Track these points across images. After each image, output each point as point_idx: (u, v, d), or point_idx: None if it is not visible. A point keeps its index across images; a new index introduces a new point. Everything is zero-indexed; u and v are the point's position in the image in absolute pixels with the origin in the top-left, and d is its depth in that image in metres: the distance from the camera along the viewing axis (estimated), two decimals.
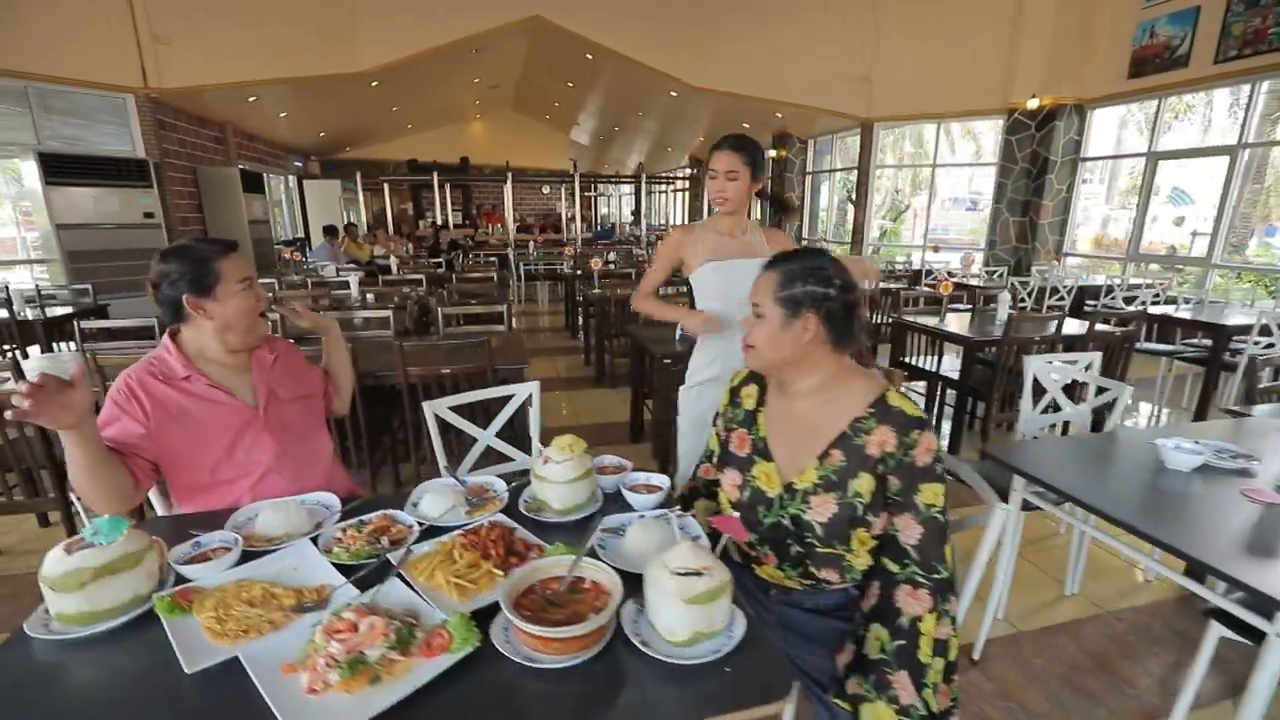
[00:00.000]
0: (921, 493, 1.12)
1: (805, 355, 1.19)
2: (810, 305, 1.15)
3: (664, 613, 0.93)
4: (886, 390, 1.18)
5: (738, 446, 1.31)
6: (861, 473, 1.14)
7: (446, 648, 0.91)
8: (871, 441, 1.14)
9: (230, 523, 1.28)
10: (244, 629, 0.97)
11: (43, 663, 0.95)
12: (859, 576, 1.21)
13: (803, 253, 1.21)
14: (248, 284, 1.46)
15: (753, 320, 1.22)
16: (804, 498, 1.18)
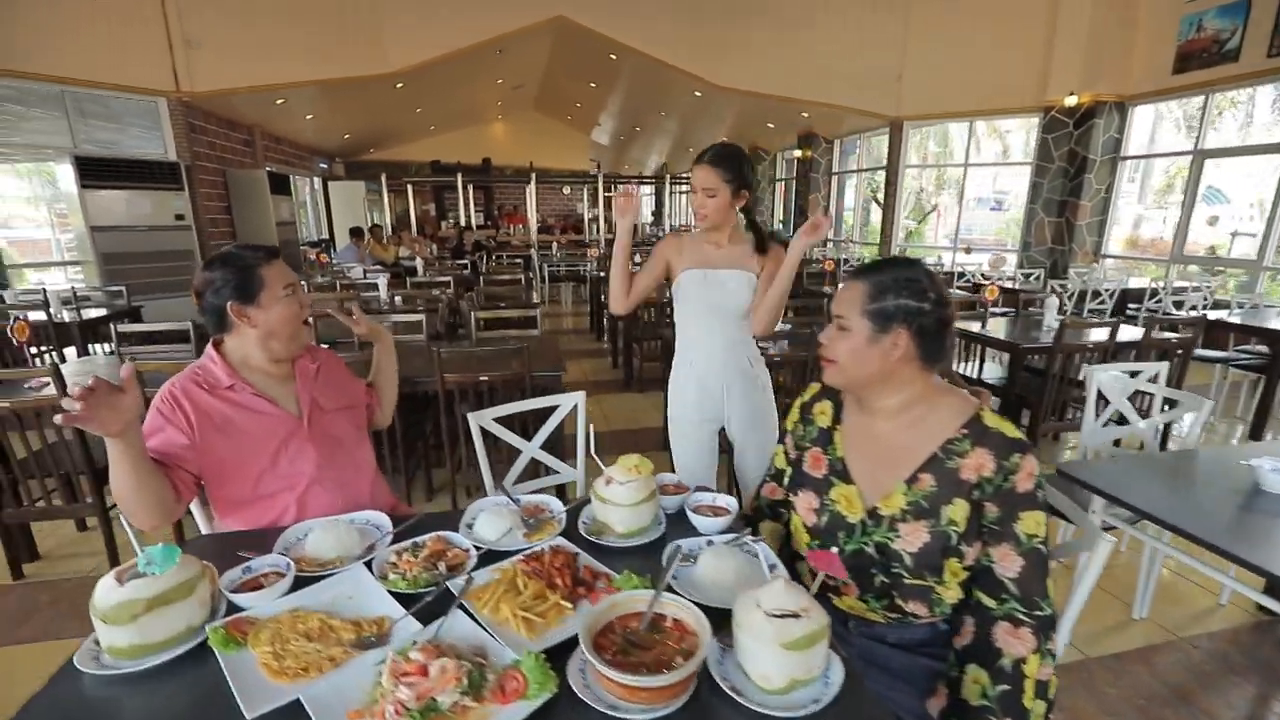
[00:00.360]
0: (1022, 521, 1.03)
1: (892, 372, 1.10)
2: (902, 320, 1.06)
3: (759, 658, 0.85)
4: (981, 410, 1.09)
5: (813, 467, 1.22)
6: (956, 499, 1.05)
7: (522, 694, 0.84)
8: (966, 465, 1.05)
9: (280, 543, 1.22)
10: (303, 666, 0.91)
11: (93, 698, 0.89)
12: (948, 610, 1.12)
13: (895, 262, 1.11)
14: (291, 290, 1.43)
15: (833, 332, 1.14)
16: (891, 524, 1.09)
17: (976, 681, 1.04)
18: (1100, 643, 2.10)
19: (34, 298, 4.71)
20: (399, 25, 7.77)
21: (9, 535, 2.45)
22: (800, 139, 11.03)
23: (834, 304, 1.14)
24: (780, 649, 0.83)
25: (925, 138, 10.40)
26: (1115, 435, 2.37)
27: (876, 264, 1.13)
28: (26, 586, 2.42)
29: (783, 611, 0.85)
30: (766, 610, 0.85)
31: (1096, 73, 6.92)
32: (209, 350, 1.46)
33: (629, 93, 12.11)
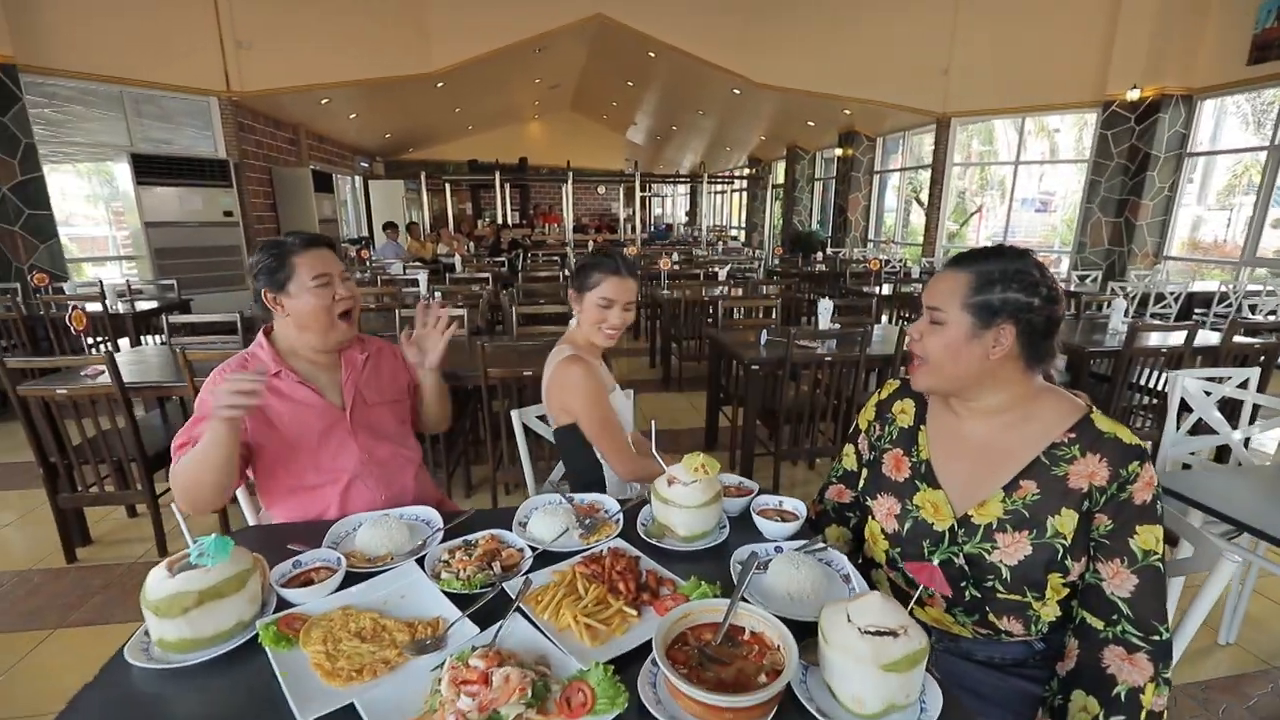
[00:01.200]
0: (1139, 536, 0.94)
1: (991, 373, 1.00)
2: (1008, 315, 0.96)
3: (851, 679, 0.77)
4: (1092, 412, 0.99)
5: (893, 469, 1.13)
6: (1064, 509, 0.96)
7: (589, 709, 0.77)
8: (1075, 472, 0.96)
9: (329, 537, 1.18)
10: (357, 669, 0.85)
11: (142, 692, 0.86)
12: (1045, 629, 1.02)
13: (1002, 252, 1.01)
14: (323, 281, 1.38)
15: (923, 326, 1.04)
16: (986, 534, 1.00)
17: (1085, 710, 0.94)
18: (1184, 670, 1.94)
19: (91, 290, 4.86)
20: (442, 24, 7.86)
21: (64, 519, 2.49)
22: (841, 137, 10.80)
23: (927, 294, 1.05)
24: (878, 670, 0.74)
25: (970, 136, 10.08)
26: (1196, 446, 2.20)
27: (982, 252, 1.02)
28: (79, 570, 2.46)
29: (879, 629, 0.76)
30: (861, 627, 0.77)
31: (1162, 64, 6.58)
32: (259, 337, 1.46)
33: (666, 91, 12.04)
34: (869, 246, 10.64)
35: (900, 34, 8.34)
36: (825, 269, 7.22)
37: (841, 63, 8.59)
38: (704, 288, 4.91)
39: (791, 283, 5.77)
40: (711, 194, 17.90)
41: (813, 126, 11.26)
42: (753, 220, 15.43)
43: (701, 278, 5.73)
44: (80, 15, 5.82)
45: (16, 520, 2.86)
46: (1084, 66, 7.19)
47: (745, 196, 16.39)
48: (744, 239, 15.06)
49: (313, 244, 1.41)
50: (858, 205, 10.87)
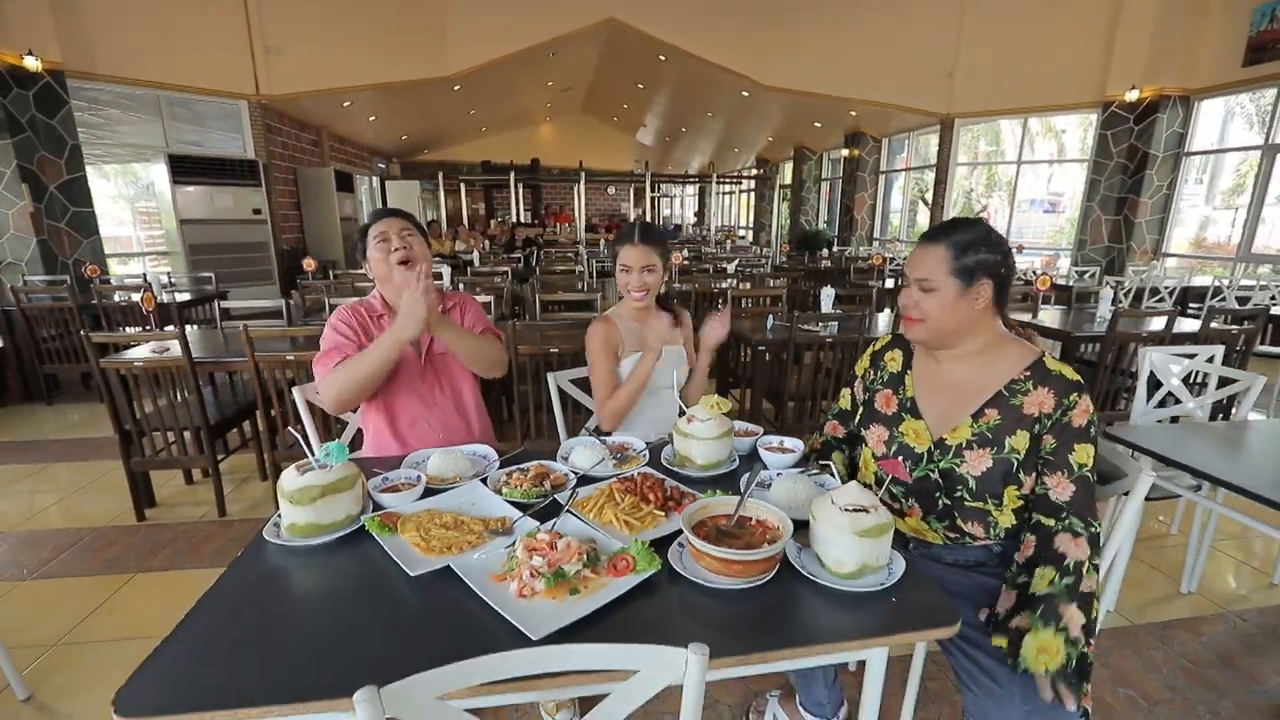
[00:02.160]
0: (1075, 452, 1.17)
1: (973, 322, 1.23)
2: (984, 272, 1.19)
3: (833, 545, 1.00)
4: (1043, 355, 1.23)
5: (884, 405, 1.38)
6: (1019, 430, 1.20)
7: (632, 569, 1.01)
8: (1029, 401, 1.20)
9: (406, 463, 1.43)
10: (447, 545, 1.09)
11: (279, 565, 1.10)
12: (1002, 533, 1.25)
13: (964, 223, 1.24)
14: (381, 237, 1.65)
15: (915, 295, 1.26)
16: (957, 452, 1.23)
17: (1045, 577, 1.14)
18: (1146, 613, 2.15)
19: (135, 282, 5.15)
20: (458, 29, 8.14)
21: (135, 483, 2.76)
22: (847, 138, 11.01)
23: (913, 267, 1.26)
24: (853, 536, 0.97)
25: (976, 137, 10.26)
26: (1167, 414, 2.41)
27: (948, 226, 1.25)
28: (149, 527, 2.73)
29: (855, 506, 0.99)
30: (841, 505, 1.00)
31: (1160, 65, 6.76)
32: (375, 290, 1.76)
33: (676, 94, 12.29)
34: (875, 245, 10.83)
35: (905, 36, 8.55)
36: (830, 265, 7.43)
37: (847, 65, 8.80)
38: (713, 281, 5.14)
39: (797, 278, 5.99)
40: (720, 194, 18.13)
41: (819, 128, 11.47)
42: (760, 220, 15.64)
43: (711, 271, 5.96)
44: (121, 23, 6.14)
45: (88, 484, 3.14)
46: (1084, 68, 7.38)
47: (753, 197, 16.61)
48: (752, 238, 15.27)
49: (380, 216, 1.70)
50: (864, 205, 11.07)
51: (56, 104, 5.64)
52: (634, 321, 1.89)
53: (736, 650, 0.87)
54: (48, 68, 5.50)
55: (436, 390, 1.73)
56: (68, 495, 3.05)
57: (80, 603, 2.20)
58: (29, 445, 3.73)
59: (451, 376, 1.77)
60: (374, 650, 0.87)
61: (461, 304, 1.84)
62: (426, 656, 0.82)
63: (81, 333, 2.56)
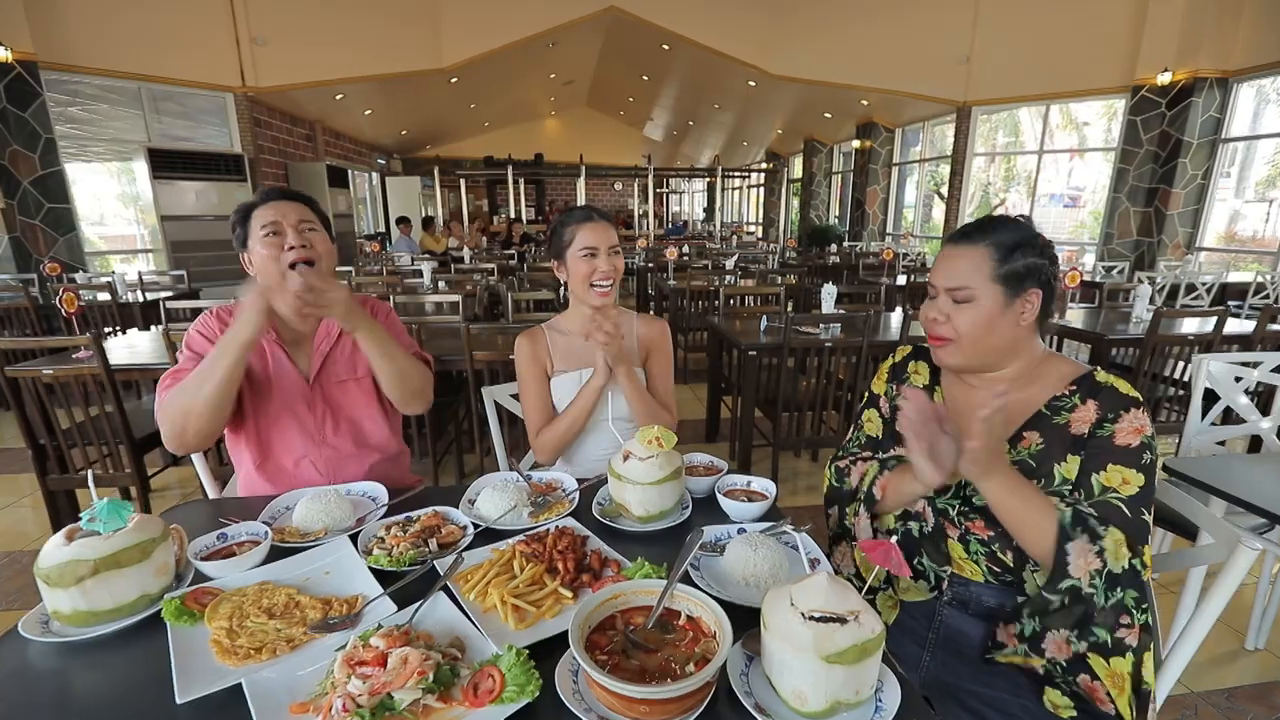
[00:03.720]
0: (1106, 472, 0.91)
1: (1018, 341, 1.00)
2: (1034, 280, 0.97)
3: (791, 672, 0.67)
4: (1095, 370, 1.00)
5: None
6: (1069, 455, 0.95)
7: (496, 696, 0.69)
8: (1076, 419, 0.97)
9: (265, 512, 1.12)
10: (256, 647, 0.78)
11: (35, 667, 0.80)
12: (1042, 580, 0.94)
13: (1004, 221, 1.00)
14: (270, 229, 1.26)
15: (946, 307, 0.99)
16: None
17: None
18: (1207, 677, 1.80)
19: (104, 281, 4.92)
20: (453, 19, 7.87)
21: (54, 502, 2.49)
22: (859, 129, 10.57)
23: (943, 275, 1.01)
24: (819, 661, 0.65)
25: (994, 128, 9.78)
26: (1222, 436, 2.04)
27: (987, 223, 1.01)
28: None
29: (825, 614, 0.66)
30: (804, 611, 0.67)
31: (1195, 46, 6.28)
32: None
33: (682, 85, 11.94)
34: (887, 240, 10.40)
35: (919, 21, 8.12)
36: (838, 261, 7.05)
37: (859, 52, 8.40)
38: (711, 278, 4.80)
39: (802, 274, 5.64)
40: (728, 189, 17.74)
41: (830, 119, 11.05)
42: (769, 215, 15.23)
43: (709, 268, 5.61)
44: (99, 13, 5.92)
45: (10, 504, 2.88)
46: (1112, 50, 6.90)
47: (762, 192, 16.19)
48: (761, 234, 14.87)
49: (271, 197, 1.31)
50: (876, 199, 10.63)
51: (29, 96, 5.41)
52: (572, 334, 1.53)
53: None
54: (19, 58, 5.27)
55: (328, 425, 1.38)
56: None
57: None
58: None
59: (350, 406, 1.41)
60: None
61: (376, 314, 1.47)
62: None
63: None
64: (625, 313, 1.59)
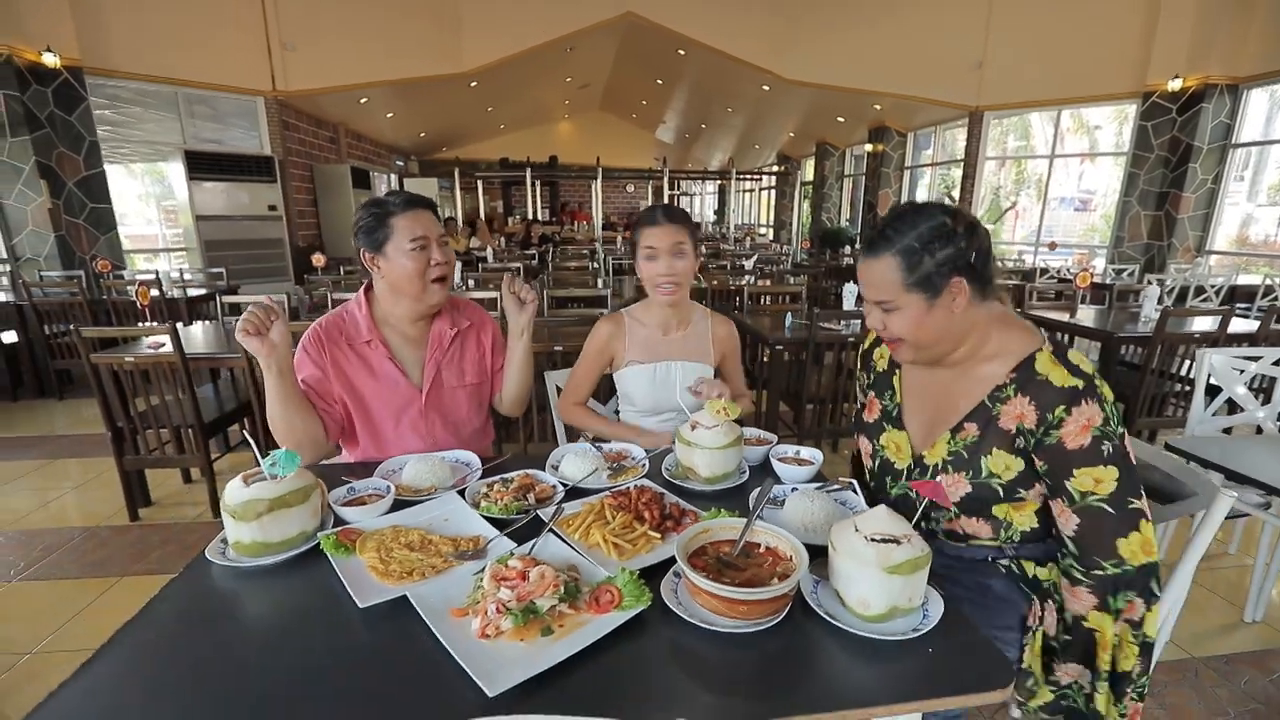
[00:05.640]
0: (1075, 479, 0.94)
1: (961, 323, 1.01)
2: (950, 270, 0.96)
3: (858, 583, 0.83)
4: (1038, 351, 0.99)
5: (869, 412, 1.23)
6: (996, 449, 1.00)
7: (617, 604, 0.86)
8: (1007, 413, 0.99)
9: (379, 471, 1.29)
10: (408, 570, 0.95)
11: (220, 588, 0.97)
12: (1017, 536, 1.06)
13: (909, 216, 0.98)
14: (420, 245, 1.36)
15: (879, 315, 1.04)
16: (934, 473, 1.06)
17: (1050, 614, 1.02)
18: (1206, 644, 1.94)
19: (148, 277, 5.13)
20: (474, 25, 8.06)
21: (128, 481, 2.68)
22: (871, 133, 10.71)
23: (864, 288, 1.04)
24: (882, 573, 0.81)
25: (1005, 132, 9.88)
26: (1225, 425, 2.19)
27: (887, 226, 1.00)
28: (142, 528, 2.64)
29: (884, 536, 0.83)
30: (867, 535, 0.83)
31: (1206, 52, 6.39)
32: (359, 294, 1.48)
33: (695, 89, 12.10)
34: None
35: (932, 26, 8.26)
36: (852, 263, 7.19)
37: (872, 57, 8.54)
38: (730, 278, 4.96)
39: (817, 275, 5.78)
40: (740, 192, 17.87)
41: (842, 122, 11.19)
42: (781, 218, 15.36)
43: (729, 268, 5.77)
44: (139, 20, 6.15)
45: (83, 484, 3.07)
46: (1123, 56, 7.02)
47: (774, 194, 16.33)
48: (772, 236, 15.01)
49: (413, 204, 1.38)
50: (887, 201, 10.75)
51: (75, 100, 5.65)
52: (649, 326, 1.64)
53: (735, 716, 0.71)
54: (66, 64, 5.51)
55: (438, 428, 1.49)
56: (66, 493, 2.99)
57: (61, 608, 2.11)
58: (36, 440, 3.70)
59: (457, 411, 1.52)
60: (313, 700, 0.74)
61: (479, 325, 1.58)
62: (369, 711, 0.71)
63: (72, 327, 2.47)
64: (696, 308, 1.70)
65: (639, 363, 1.62)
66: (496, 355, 1.60)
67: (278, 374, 1.26)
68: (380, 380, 1.44)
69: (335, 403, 1.41)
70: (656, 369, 1.62)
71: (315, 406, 1.38)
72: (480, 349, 1.58)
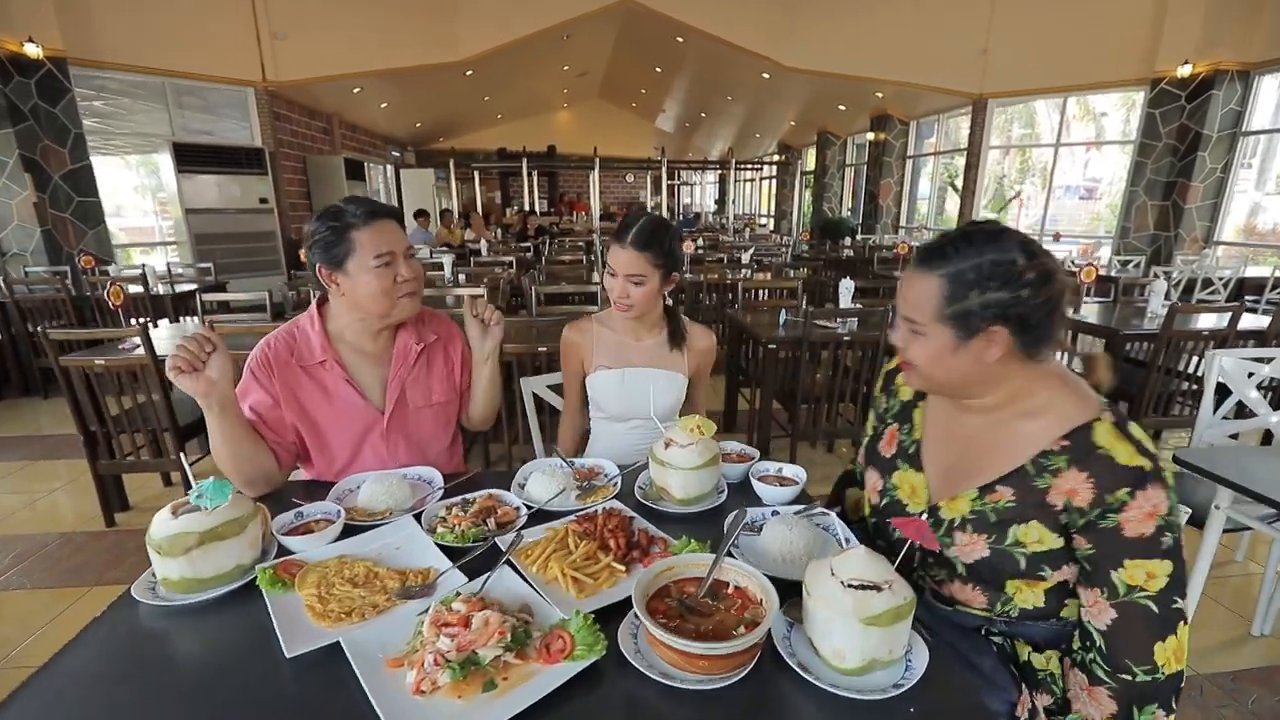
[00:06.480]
0: (1125, 570, 0.82)
1: (988, 374, 0.89)
2: (995, 317, 0.83)
3: (832, 633, 0.75)
4: (1097, 420, 0.85)
5: (885, 445, 1.11)
6: (1034, 521, 0.88)
7: (568, 654, 0.78)
8: (1057, 487, 0.86)
9: (333, 493, 1.21)
10: (346, 611, 0.87)
11: (147, 628, 0.89)
12: (1016, 612, 0.95)
13: (972, 238, 0.85)
14: (386, 261, 1.24)
15: (904, 333, 0.93)
16: (948, 530, 0.95)
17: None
18: (1213, 660, 1.86)
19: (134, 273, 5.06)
20: (469, 13, 7.92)
21: (103, 486, 2.61)
22: (873, 121, 10.54)
23: (899, 300, 0.92)
24: (859, 624, 0.73)
25: (1009, 120, 9.72)
26: (1233, 430, 2.10)
27: (951, 243, 0.87)
28: (117, 534, 2.58)
29: (862, 582, 0.74)
30: (844, 580, 0.75)
31: (1216, 38, 6.23)
32: (311, 309, 1.36)
33: (694, 77, 11.93)
34: (900, 233, 10.38)
35: (935, 11, 8.08)
36: (852, 254, 7.08)
37: (872, 43, 8.37)
38: (727, 271, 4.86)
39: (817, 268, 5.68)
40: (740, 182, 17.70)
41: (844, 111, 11.02)
42: (782, 208, 15.21)
43: (725, 261, 5.67)
44: (124, 9, 6.03)
45: (63, 487, 3.01)
46: (1132, 42, 6.85)
47: (775, 184, 16.16)
48: (773, 226, 14.86)
49: (376, 215, 1.25)
50: (889, 191, 10.61)
51: (59, 92, 5.54)
52: (618, 332, 1.59)
53: None
54: (49, 55, 5.40)
55: (401, 451, 1.38)
56: (45, 495, 2.93)
57: (31, 618, 2.05)
58: (19, 441, 3.64)
59: (420, 432, 1.41)
60: None
61: (447, 338, 1.46)
62: None
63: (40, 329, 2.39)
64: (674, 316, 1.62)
65: (607, 368, 1.57)
66: (466, 371, 1.49)
67: (219, 412, 1.14)
68: (336, 404, 1.33)
69: (288, 430, 1.31)
70: (625, 374, 1.56)
71: (265, 439, 1.27)
72: (449, 364, 1.45)
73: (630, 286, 1.46)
